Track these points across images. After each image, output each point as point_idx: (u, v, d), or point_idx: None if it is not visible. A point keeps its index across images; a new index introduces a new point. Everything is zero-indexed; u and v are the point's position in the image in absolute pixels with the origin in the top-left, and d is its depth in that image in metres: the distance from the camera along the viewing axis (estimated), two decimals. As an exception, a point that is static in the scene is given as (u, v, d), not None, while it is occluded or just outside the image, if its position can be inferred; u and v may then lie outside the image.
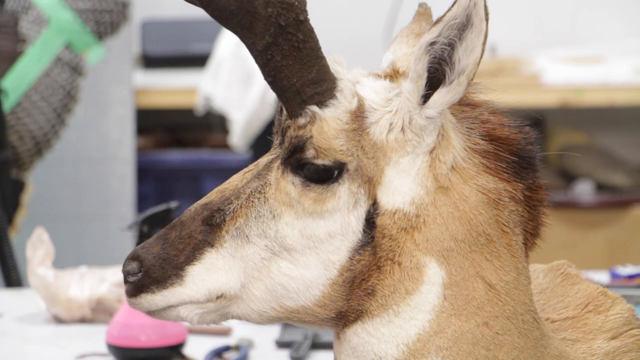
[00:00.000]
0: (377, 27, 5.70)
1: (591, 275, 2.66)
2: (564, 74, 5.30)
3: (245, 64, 5.08)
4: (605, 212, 5.29)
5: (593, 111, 5.64)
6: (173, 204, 2.57)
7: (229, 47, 5.19)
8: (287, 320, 1.58)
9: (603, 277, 2.80)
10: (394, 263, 1.53)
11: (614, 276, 2.76)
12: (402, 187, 1.53)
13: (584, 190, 5.38)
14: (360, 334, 1.54)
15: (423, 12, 1.78)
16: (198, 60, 5.86)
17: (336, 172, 1.53)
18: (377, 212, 1.53)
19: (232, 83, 5.20)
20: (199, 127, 6.31)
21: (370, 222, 1.53)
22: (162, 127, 6.36)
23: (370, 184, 1.53)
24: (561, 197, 5.29)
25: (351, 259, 1.53)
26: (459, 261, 1.53)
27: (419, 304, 1.53)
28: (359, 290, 1.53)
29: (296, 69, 1.49)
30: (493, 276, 1.54)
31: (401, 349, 1.53)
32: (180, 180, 5.96)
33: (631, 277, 2.73)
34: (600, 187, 5.41)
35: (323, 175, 1.53)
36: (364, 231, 1.53)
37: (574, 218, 5.27)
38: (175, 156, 6.00)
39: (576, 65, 5.37)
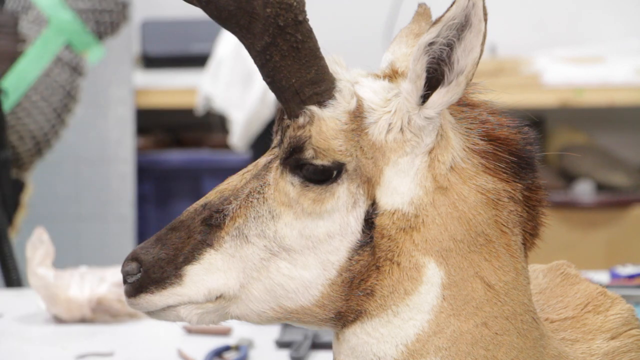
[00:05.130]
0: (377, 27, 5.70)
1: (591, 275, 2.66)
2: (564, 74, 5.29)
3: (245, 64, 5.07)
4: (605, 212, 5.28)
5: (593, 111, 5.64)
6: None
7: (229, 47, 5.19)
8: (286, 320, 1.58)
9: (603, 277, 2.80)
10: (393, 263, 1.52)
11: (614, 276, 2.75)
12: (401, 187, 1.53)
13: (584, 190, 5.38)
14: (359, 335, 1.54)
15: (422, 12, 1.78)
16: (198, 60, 5.85)
17: (335, 173, 1.52)
18: (376, 212, 1.53)
19: (232, 83, 5.19)
20: (199, 127, 6.30)
21: (369, 223, 1.53)
22: (162, 127, 6.36)
23: (369, 184, 1.53)
24: (561, 197, 5.29)
25: (350, 259, 1.53)
26: (457, 261, 1.53)
27: (417, 305, 1.52)
28: (357, 291, 1.53)
29: (295, 69, 1.49)
30: (492, 276, 1.54)
31: (400, 349, 1.53)
32: (180, 180, 5.96)
33: (631, 277, 2.72)
34: (600, 187, 5.40)
35: (322, 176, 1.53)
36: (363, 231, 1.53)
37: (574, 218, 5.27)
38: (175, 156, 5.99)
39: (576, 65, 5.37)
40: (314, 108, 1.52)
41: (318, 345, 2.57)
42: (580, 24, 5.85)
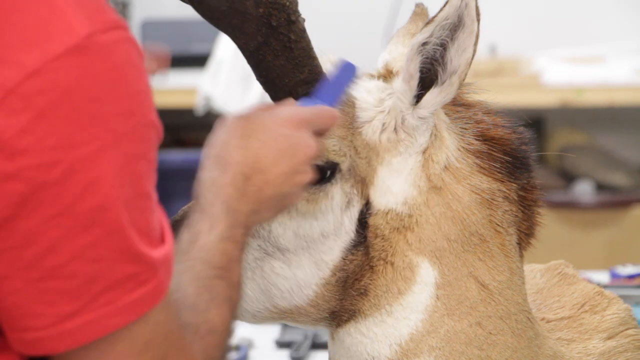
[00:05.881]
0: (376, 27, 5.70)
1: (591, 275, 2.65)
2: (564, 74, 5.28)
3: (245, 64, 5.07)
4: (605, 212, 5.27)
5: (593, 111, 5.62)
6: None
7: (229, 47, 5.19)
8: (281, 320, 1.58)
9: (603, 277, 2.79)
10: (387, 263, 1.52)
11: (614, 276, 2.75)
12: (394, 187, 1.53)
13: (584, 190, 5.37)
14: (353, 334, 1.54)
15: (420, 12, 1.78)
16: (198, 60, 5.84)
17: (329, 173, 1.52)
18: (369, 212, 1.53)
19: (232, 83, 5.20)
20: (199, 127, 6.30)
21: (363, 222, 1.53)
22: (162, 127, 6.34)
23: (363, 184, 1.53)
24: (561, 197, 5.28)
25: (344, 259, 1.53)
26: (451, 261, 1.53)
27: (411, 304, 1.52)
28: (351, 290, 1.53)
29: (288, 69, 1.49)
30: (486, 276, 1.54)
31: (394, 349, 1.52)
32: (180, 180, 5.95)
33: (631, 277, 2.72)
34: (600, 187, 5.38)
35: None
36: (357, 231, 1.53)
37: (574, 218, 5.26)
38: (175, 156, 5.99)
39: (576, 65, 5.36)
40: (308, 108, 1.52)
41: (318, 345, 2.57)
42: (580, 24, 5.84)
